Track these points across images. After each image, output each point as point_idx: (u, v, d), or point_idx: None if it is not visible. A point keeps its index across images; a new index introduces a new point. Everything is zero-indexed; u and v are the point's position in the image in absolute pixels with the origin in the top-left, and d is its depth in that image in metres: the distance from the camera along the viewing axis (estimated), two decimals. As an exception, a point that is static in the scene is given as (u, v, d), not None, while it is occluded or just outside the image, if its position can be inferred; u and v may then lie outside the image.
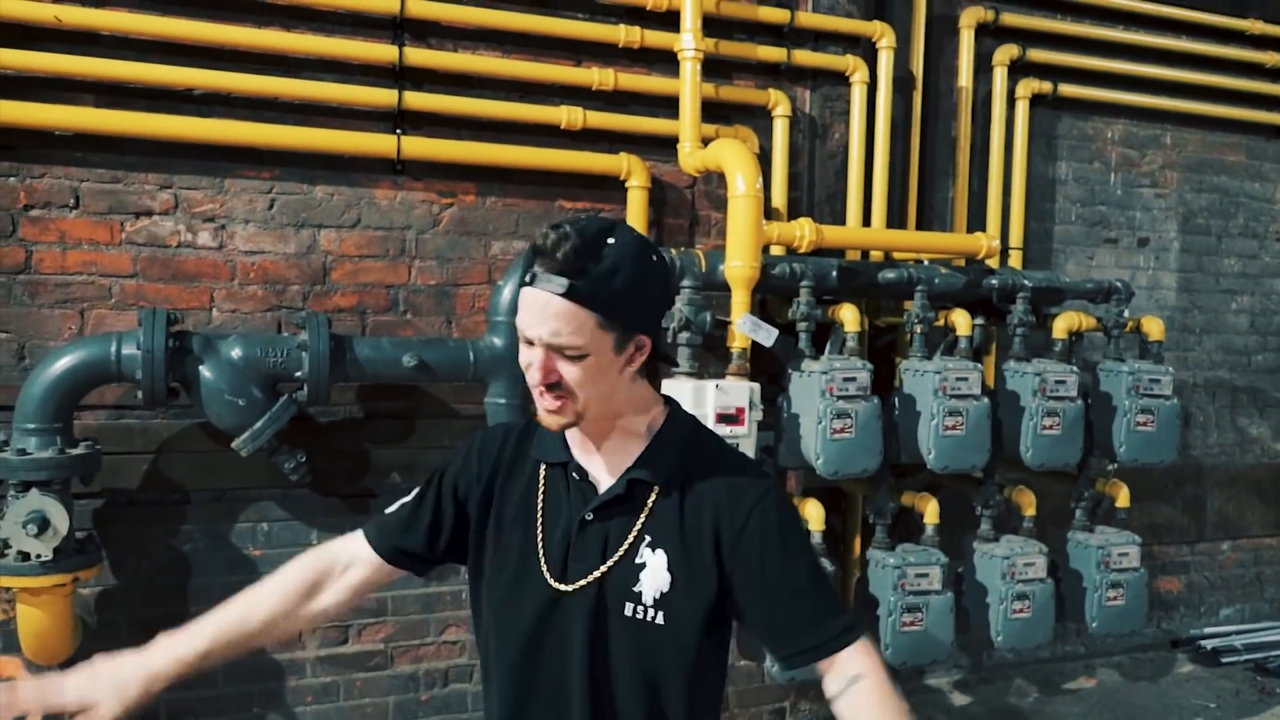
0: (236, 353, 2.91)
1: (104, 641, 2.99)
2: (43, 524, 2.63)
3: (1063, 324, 3.82)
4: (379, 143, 3.26)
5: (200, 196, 3.15)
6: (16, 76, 2.92)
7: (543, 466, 1.52)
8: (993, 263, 4.04)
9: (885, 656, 3.28)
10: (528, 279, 1.35)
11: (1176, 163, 4.89)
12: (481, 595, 1.54)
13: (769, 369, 3.58)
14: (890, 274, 3.67)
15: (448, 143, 3.35)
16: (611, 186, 3.57)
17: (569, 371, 1.37)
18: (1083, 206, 4.69)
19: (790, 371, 3.42)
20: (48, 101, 2.94)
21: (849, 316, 3.48)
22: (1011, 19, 4.32)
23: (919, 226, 4.22)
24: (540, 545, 1.47)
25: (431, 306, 3.43)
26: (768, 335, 3.18)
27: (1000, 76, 4.31)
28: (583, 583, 1.44)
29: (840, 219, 3.92)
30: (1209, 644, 4.97)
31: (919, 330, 3.56)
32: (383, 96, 3.26)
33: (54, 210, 3.01)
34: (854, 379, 3.28)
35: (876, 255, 3.95)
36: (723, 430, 2.93)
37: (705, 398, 2.99)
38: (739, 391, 3.03)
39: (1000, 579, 3.60)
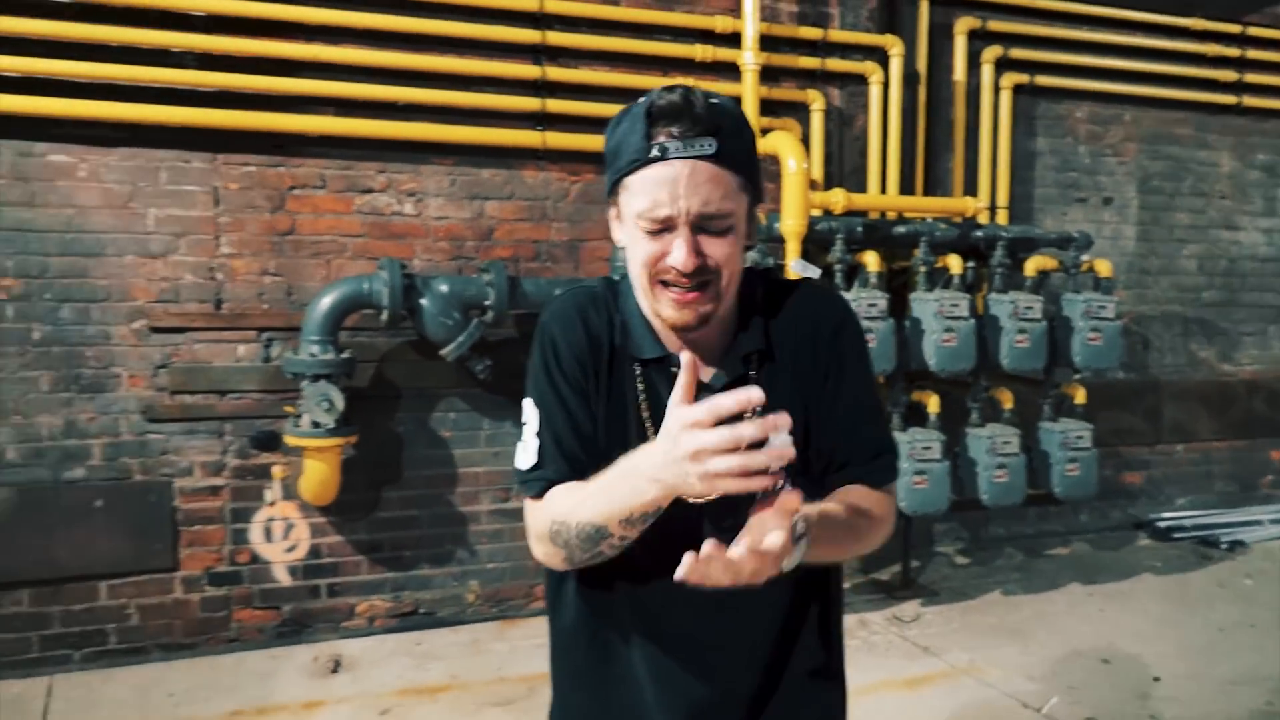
0: (444, 288, 4.16)
1: (350, 492, 4.30)
2: (330, 403, 3.91)
3: (1032, 265, 5.02)
4: (527, 137, 4.50)
5: (405, 178, 4.40)
6: (283, 97, 4.16)
7: (637, 364, 1.31)
8: (983, 219, 5.23)
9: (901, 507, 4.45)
10: (655, 153, 1.17)
11: (1135, 136, 6.04)
12: None
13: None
14: (902, 229, 4.87)
15: (576, 136, 4.57)
16: (693, 166, 4.78)
17: (715, 249, 1.22)
18: (1057, 173, 5.85)
19: (829, 300, 4.63)
20: (303, 113, 4.18)
21: (871, 260, 4.67)
22: (996, 25, 5.48)
23: (925, 193, 5.41)
24: None
25: (565, 256, 4.67)
26: (814, 274, 4.40)
27: (988, 72, 5.46)
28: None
29: (863, 188, 5.13)
30: (1163, 525, 6.16)
31: (923, 270, 4.76)
32: (529, 104, 4.49)
33: (309, 190, 4.26)
34: (875, 305, 4.49)
35: (892, 215, 5.16)
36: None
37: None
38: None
39: (985, 454, 4.83)
